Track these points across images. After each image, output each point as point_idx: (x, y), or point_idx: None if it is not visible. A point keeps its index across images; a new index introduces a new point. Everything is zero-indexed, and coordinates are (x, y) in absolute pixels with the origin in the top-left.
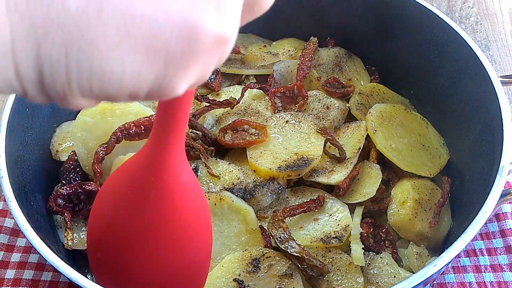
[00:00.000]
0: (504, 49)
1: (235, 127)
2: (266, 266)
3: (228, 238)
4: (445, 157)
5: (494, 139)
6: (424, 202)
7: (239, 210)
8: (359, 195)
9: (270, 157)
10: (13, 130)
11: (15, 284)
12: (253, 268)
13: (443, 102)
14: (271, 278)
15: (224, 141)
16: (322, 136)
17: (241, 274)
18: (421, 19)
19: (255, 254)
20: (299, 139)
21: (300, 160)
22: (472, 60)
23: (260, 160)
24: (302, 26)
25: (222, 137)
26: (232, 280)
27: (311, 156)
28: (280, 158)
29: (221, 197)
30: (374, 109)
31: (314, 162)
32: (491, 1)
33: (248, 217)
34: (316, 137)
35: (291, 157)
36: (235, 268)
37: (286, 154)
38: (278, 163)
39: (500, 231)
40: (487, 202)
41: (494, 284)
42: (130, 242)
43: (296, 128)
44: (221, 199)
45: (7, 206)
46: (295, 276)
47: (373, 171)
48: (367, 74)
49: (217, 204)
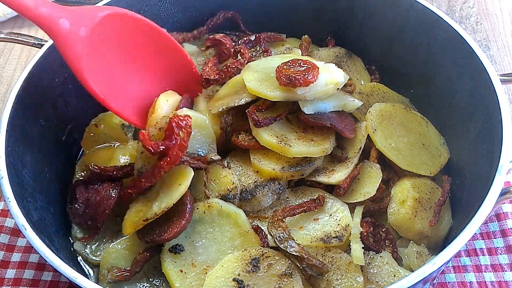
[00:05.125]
0: (504, 49)
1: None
2: (266, 266)
3: (222, 244)
4: (445, 156)
5: (494, 138)
6: (424, 201)
7: (229, 214)
8: (359, 194)
9: (273, 157)
10: (12, 130)
11: (15, 284)
12: (252, 267)
13: (443, 101)
14: (270, 278)
15: (239, 142)
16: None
17: (241, 274)
18: (421, 19)
19: (254, 254)
20: None
21: (303, 160)
22: (472, 60)
23: (263, 161)
24: (302, 26)
25: (236, 137)
26: (231, 280)
27: (314, 157)
28: (283, 158)
29: (209, 204)
30: (374, 108)
31: (317, 162)
32: (491, 1)
33: (239, 220)
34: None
35: (294, 157)
36: (234, 268)
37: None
38: (281, 163)
39: (501, 230)
40: (486, 200)
41: (494, 283)
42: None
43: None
44: (210, 206)
45: (7, 206)
46: (295, 275)
47: (373, 171)
48: (367, 74)
49: (206, 212)
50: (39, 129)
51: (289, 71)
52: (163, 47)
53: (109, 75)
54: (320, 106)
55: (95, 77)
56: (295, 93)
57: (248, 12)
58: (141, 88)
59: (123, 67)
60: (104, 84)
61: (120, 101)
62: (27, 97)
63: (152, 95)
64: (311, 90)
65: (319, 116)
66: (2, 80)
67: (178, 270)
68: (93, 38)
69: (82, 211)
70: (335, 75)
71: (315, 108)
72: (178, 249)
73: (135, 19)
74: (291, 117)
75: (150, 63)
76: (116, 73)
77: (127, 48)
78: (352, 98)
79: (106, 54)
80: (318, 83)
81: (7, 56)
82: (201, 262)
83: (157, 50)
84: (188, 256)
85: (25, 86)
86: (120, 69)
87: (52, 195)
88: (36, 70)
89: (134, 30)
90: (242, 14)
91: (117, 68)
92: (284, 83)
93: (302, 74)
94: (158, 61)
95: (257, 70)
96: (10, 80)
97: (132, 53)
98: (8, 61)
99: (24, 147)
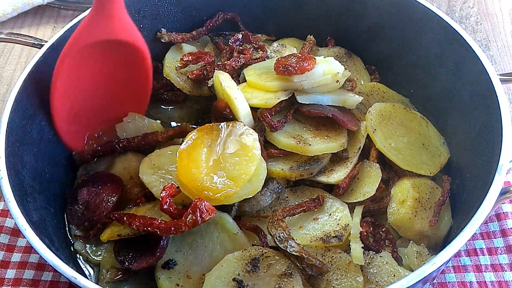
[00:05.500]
0: (504, 49)
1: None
2: (266, 266)
3: (214, 250)
4: (445, 155)
5: (494, 138)
6: (424, 201)
7: (215, 220)
8: (358, 194)
9: (281, 158)
10: (13, 131)
11: (15, 284)
12: (252, 267)
13: (443, 101)
14: (270, 278)
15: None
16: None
17: (240, 273)
18: (421, 19)
19: (254, 254)
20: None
21: (311, 159)
22: (472, 60)
23: (271, 162)
24: (302, 26)
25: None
26: (231, 279)
27: (322, 155)
28: (291, 158)
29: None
30: (374, 108)
31: (325, 161)
32: (491, 1)
33: (226, 224)
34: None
35: (302, 156)
36: (234, 267)
37: (297, 154)
38: (289, 163)
39: (501, 230)
40: (486, 200)
41: (494, 283)
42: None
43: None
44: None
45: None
46: (295, 275)
47: (373, 171)
48: (367, 74)
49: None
50: (39, 129)
51: (287, 62)
52: (135, 63)
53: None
54: (317, 98)
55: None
56: (291, 82)
57: (248, 12)
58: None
59: (89, 84)
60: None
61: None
62: (27, 97)
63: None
64: (307, 78)
65: (320, 108)
66: (2, 80)
67: (174, 284)
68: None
69: (81, 212)
70: (333, 65)
71: (311, 98)
72: (171, 263)
73: (132, 47)
74: (301, 117)
75: (115, 80)
76: (80, 86)
77: (102, 68)
78: (352, 94)
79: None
80: (315, 72)
81: (7, 56)
82: (196, 272)
83: (129, 68)
84: (182, 269)
85: (25, 86)
86: (86, 86)
87: (52, 195)
88: (36, 70)
89: (120, 54)
90: (242, 15)
91: (84, 84)
92: (280, 72)
93: (298, 62)
94: (124, 77)
95: (258, 68)
96: (10, 80)
97: (104, 72)
98: (8, 61)
99: (24, 147)
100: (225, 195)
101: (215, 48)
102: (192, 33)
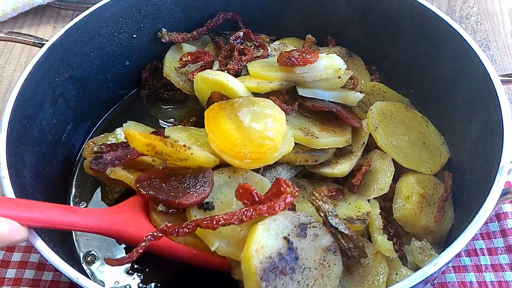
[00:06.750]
0: (504, 49)
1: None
2: (312, 235)
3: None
4: (445, 155)
5: (494, 138)
6: (428, 196)
7: (256, 182)
8: (372, 190)
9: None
10: (13, 130)
11: (15, 283)
12: (301, 231)
13: (443, 101)
14: (316, 248)
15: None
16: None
17: (290, 234)
18: (422, 19)
19: (303, 220)
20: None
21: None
22: (472, 59)
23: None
24: (302, 25)
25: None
26: (282, 237)
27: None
28: (297, 145)
29: (234, 170)
30: (375, 106)
31: (331, 151)
32: (491, 1)
33: (265, 188)
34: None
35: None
36: (285, 225)
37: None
38: (295, 148)
39: (501, 230)
40: (487, 201)
41: (494, 283)
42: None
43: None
44: (235, 171)
45: None
46: (337, 254)
47: (385, 164)
48: (367, 73)
49: (231, 177)
50: (39, 129)
51: (290, 54)
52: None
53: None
54: (318, 92)
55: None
56: (294, 73)
57: (248, 12)
58: None
59: None
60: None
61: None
62: (27, 97)
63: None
64: (309, 71)
65: (323, 103)
66: (2, 80)
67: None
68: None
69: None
70: (336, 61)
71: (312, 92)
72: (209, 206)
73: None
74: (306, 112)
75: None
76: None
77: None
78: (353, 92)
79: None
80: (317, 65)
81: (7, 56)
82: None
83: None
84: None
85: (25, 86)
86: None
87: (53, 195)
88: (36, 70)
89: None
90: (242, 15)
91: None
92: (283, 63)
93: (301, 54)
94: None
95: (261, 62)
96: (10, 80)
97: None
98: (8, 61)
99: (24, 147)
100: (270, 152)
101: (215, 48)
102: (192, 33)
